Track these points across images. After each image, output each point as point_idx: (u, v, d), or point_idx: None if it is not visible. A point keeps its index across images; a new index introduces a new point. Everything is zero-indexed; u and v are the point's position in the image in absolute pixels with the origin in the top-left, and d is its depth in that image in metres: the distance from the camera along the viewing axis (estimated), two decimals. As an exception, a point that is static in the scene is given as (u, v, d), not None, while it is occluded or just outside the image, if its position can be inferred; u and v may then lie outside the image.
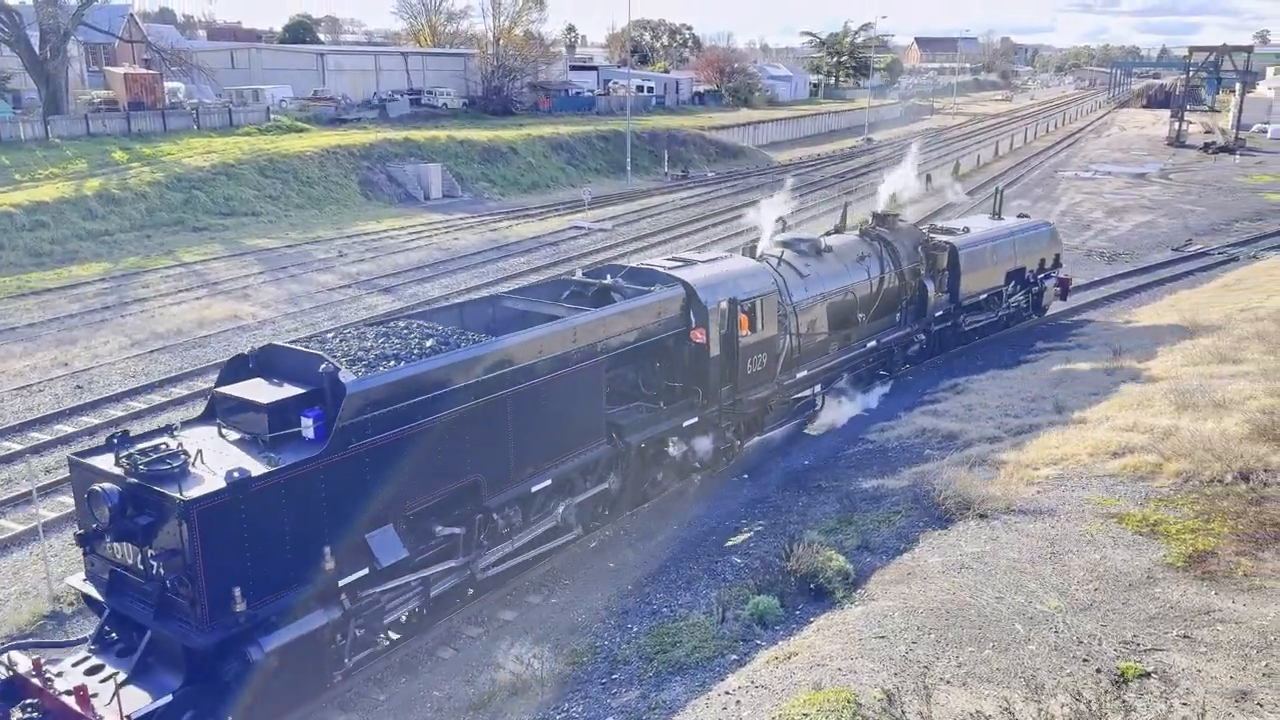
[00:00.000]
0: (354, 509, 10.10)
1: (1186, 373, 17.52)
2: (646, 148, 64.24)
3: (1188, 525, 10.63)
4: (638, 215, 45.32)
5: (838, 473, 15.87)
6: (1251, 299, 25.65)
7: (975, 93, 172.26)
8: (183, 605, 9.16)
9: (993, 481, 12.73)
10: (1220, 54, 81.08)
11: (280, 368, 10.75)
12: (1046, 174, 56.70)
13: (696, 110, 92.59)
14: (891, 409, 19.25)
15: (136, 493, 9.20)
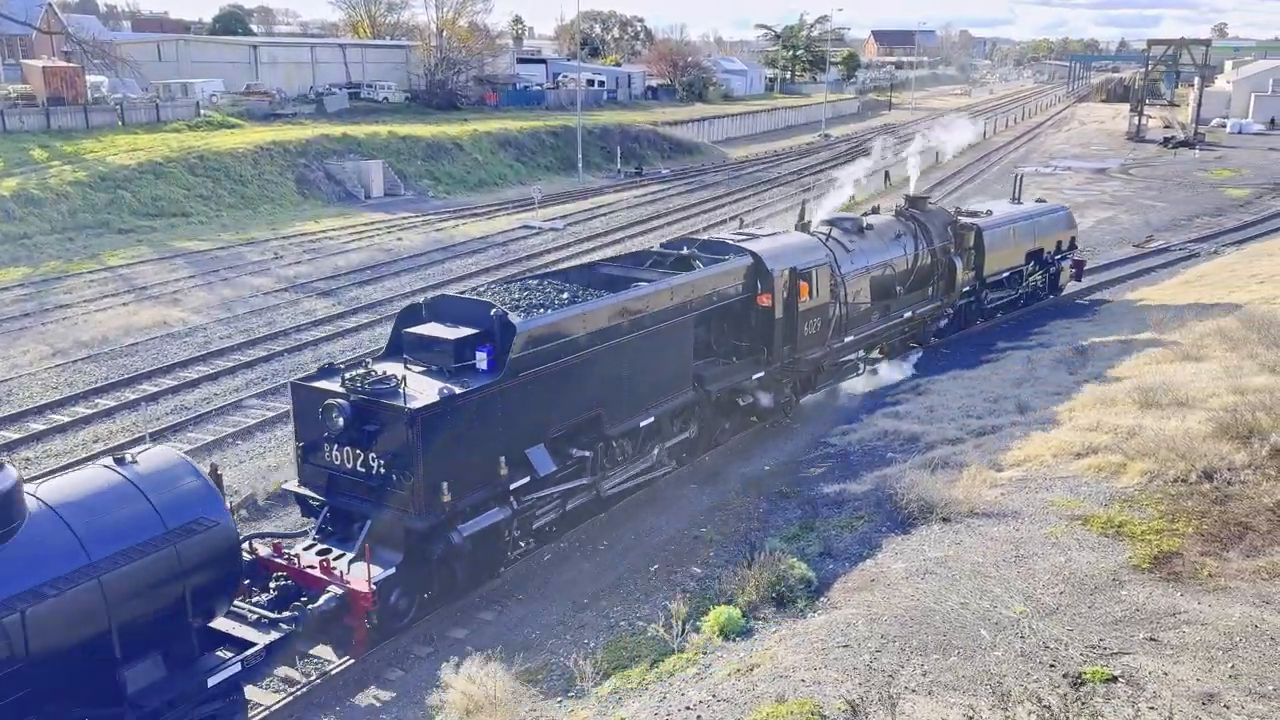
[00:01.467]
0: (518, 428, 12.92)
1: (1149, 371, 17.92)
2: (598, 144, 64.24)
3: (1152, 526, 10.86)
4: (590, 214, 45.29)
5: (799, 478, 15.98)
6: (1213, 294, 26.32)
7: (933, 87, 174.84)
8: (402, 496, 11.80)
9: (955, 484, 12.90)
10: (1179, 47, 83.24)
11: (451, 313, 13.52)
12: (1006, 170, 57.71)
13: (649, 105, 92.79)
14: (852, 412, 19.45)
15: (364, 406, 11.91)
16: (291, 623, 10.43)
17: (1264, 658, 8.28)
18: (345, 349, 24.04)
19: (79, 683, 8.51)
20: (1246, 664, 8.19)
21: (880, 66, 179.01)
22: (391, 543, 11.89)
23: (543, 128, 62.92)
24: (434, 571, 12.29)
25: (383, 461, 11.93)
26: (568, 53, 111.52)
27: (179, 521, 9.02)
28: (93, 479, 9.02)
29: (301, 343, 24.42)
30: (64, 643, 8.23)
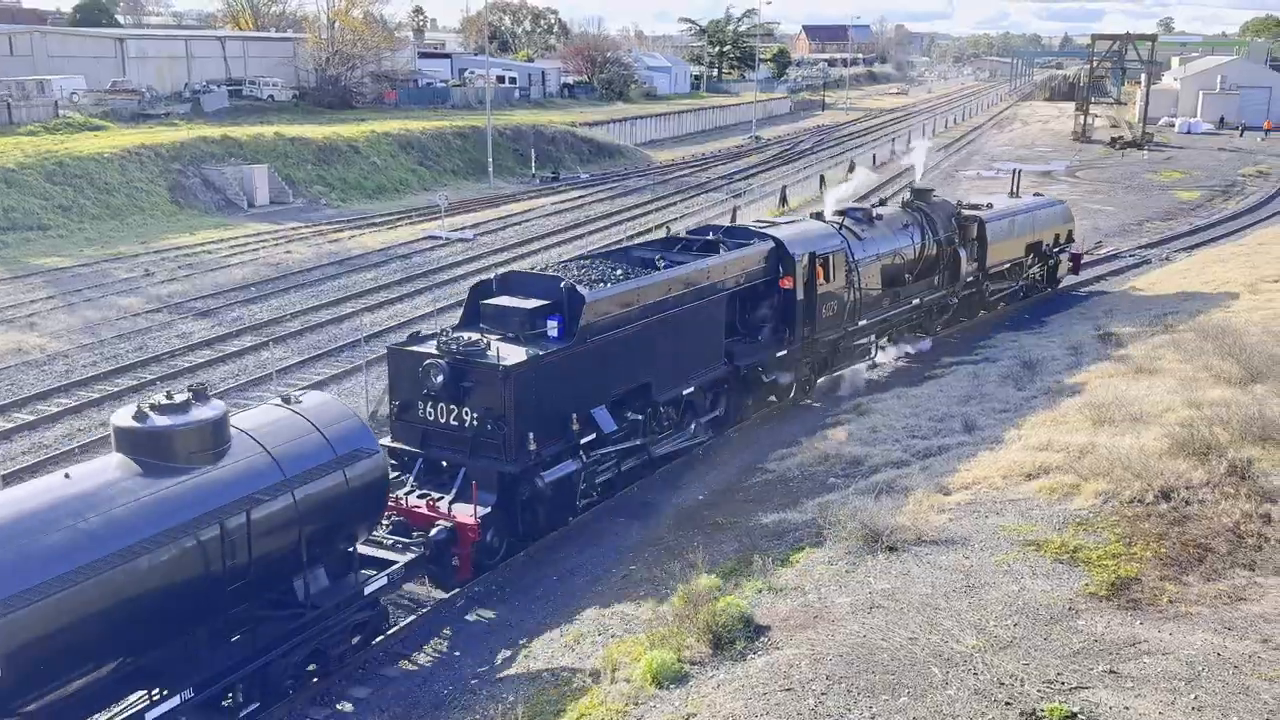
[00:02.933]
0: (585, 389, 15.69)
1: (1101, 385, 18.47)
2: (510, 146, 64.15)
3: (1109, 550, 11.15)
4: (503, 222, 45.13)
5: (735, 507, 16.05)
6: (1168, 303, 27.29)
7: (869, 86, 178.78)
8: (495, 445, 14.59)
9: (901, 510, 13.10)
10: (1124, 43, 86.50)
11: (521, 287, 16.36)
12: (947, 174, 59.21)
13: (566, 104, 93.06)
14: (791, 434, 19.65)
15: (460, 365, 14.67)
16: (420, 547, 13.21)
17: (1228, 688, 8.54)
18: (227, 376, 23.50)
19: (269, 586, 10.89)
20: (1210, 695, 8.44)
21: (813, 64, 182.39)
22: (486, 486, 14.42)
23: (448, 128, 62.61)
24: (519, 514, 15.07)
25: (476, 415, 14.67)
26: (475, 47, 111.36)
27: (344, 450, 11.59)
28: (272, 414, 11.55)
29: (177, 369, 23.78)
30: (272, 546, 10.71)
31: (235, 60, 73.27)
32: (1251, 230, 44.16)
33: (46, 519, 9.05)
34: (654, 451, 17.47)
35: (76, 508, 9.26)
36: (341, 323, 28.29)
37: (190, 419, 10.28)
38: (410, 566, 12.90)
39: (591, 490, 16.24)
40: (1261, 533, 10.99)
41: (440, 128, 62.18)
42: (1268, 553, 10.65)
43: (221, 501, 10.14)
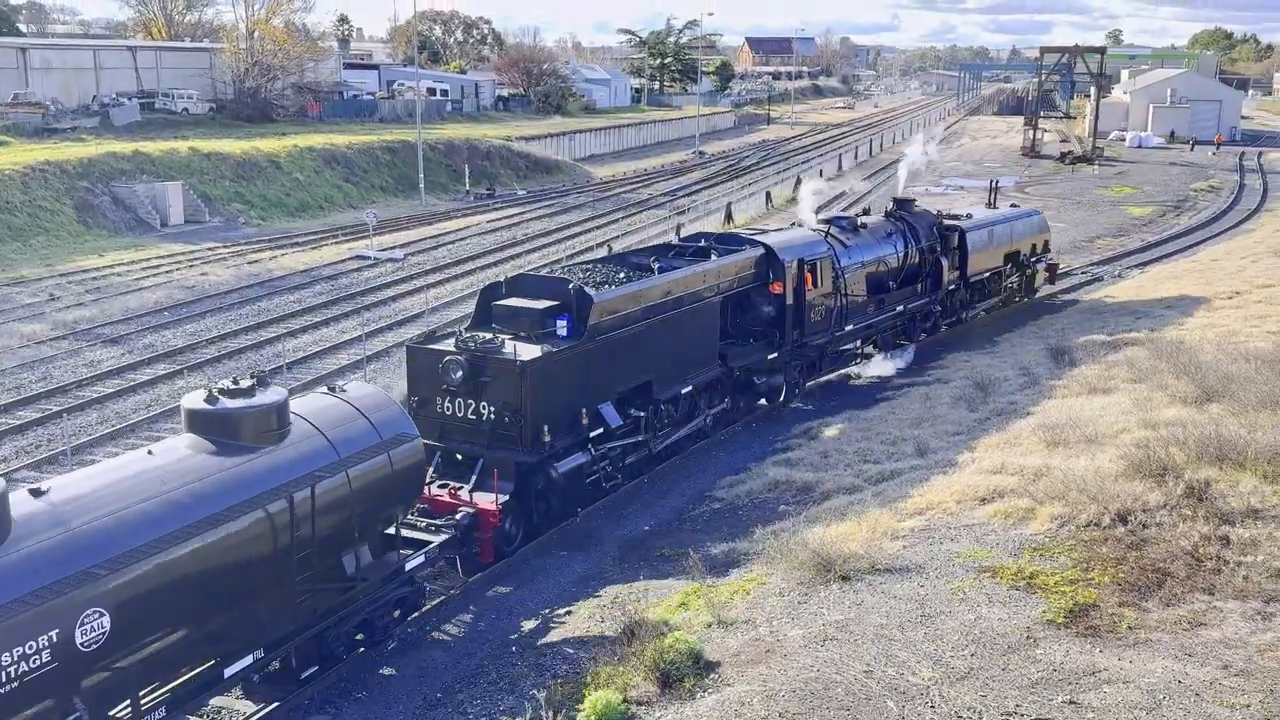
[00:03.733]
0: (593, 385, 17.17)
1: (1054, 405, 18.81)
2: (443, 161, 63.96)
3: (1066, 576, 11.32)
4: (435, 241, 44.93)
5: (683, 537, 16.06)
6: (1121, 321, 27.92)
7: (815, 99, 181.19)
8: (511, 437, 15.95)
9: (854, 537, 13.19)
10: (1073, 55, 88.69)
11: (530, 289, 17.90)
12: (893, 190, 60.01)
13: (501, 117, 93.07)
14: (740, 460, 19.72)
15: (477, 361, 16.03)
16: (451, 529, 14.62)
17: (1190, 715, 8.70)
18: (139, 406, 23.04)
19: (325, 559, 12.10)
20: (1170, 722, 8.58)
21: (757, 77, 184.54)
22: (503, 476, 15.79)
23: (376, 143, 62.28)
24: (534, 503, 16.49)
25: (493, 408, 16.02)
26: (404, 57, 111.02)
27: (389, 434, 12.89)
28: (323, 401, 12.85)
29: (84, 400, 23.26)
30: (331, 521, 11.97)
31: (147, 71, 72.24)
32: (1204, 246, 45.42)
33: (139, 488, 10.34)
34: (654, 448, 18.96)
35: (163, 479, 10.56)
36: (262, 348, 27.91)
37: (256, 402, 11.62)
38: (444, 546, 14.35)
39: (600, 482, 17.73)
40: (1220, 556, 11.23)
41: (368, 142, 61.84)
42: (1227, 576, 10.88)
43: (287, 478, 11.46)
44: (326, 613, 12.28)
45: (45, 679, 9.06)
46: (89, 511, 9.78)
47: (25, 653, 8.87)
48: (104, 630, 9.49)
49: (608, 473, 17.84)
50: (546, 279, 18.34)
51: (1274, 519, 11.69)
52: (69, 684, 9.33)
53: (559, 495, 16.67)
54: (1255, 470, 12.74)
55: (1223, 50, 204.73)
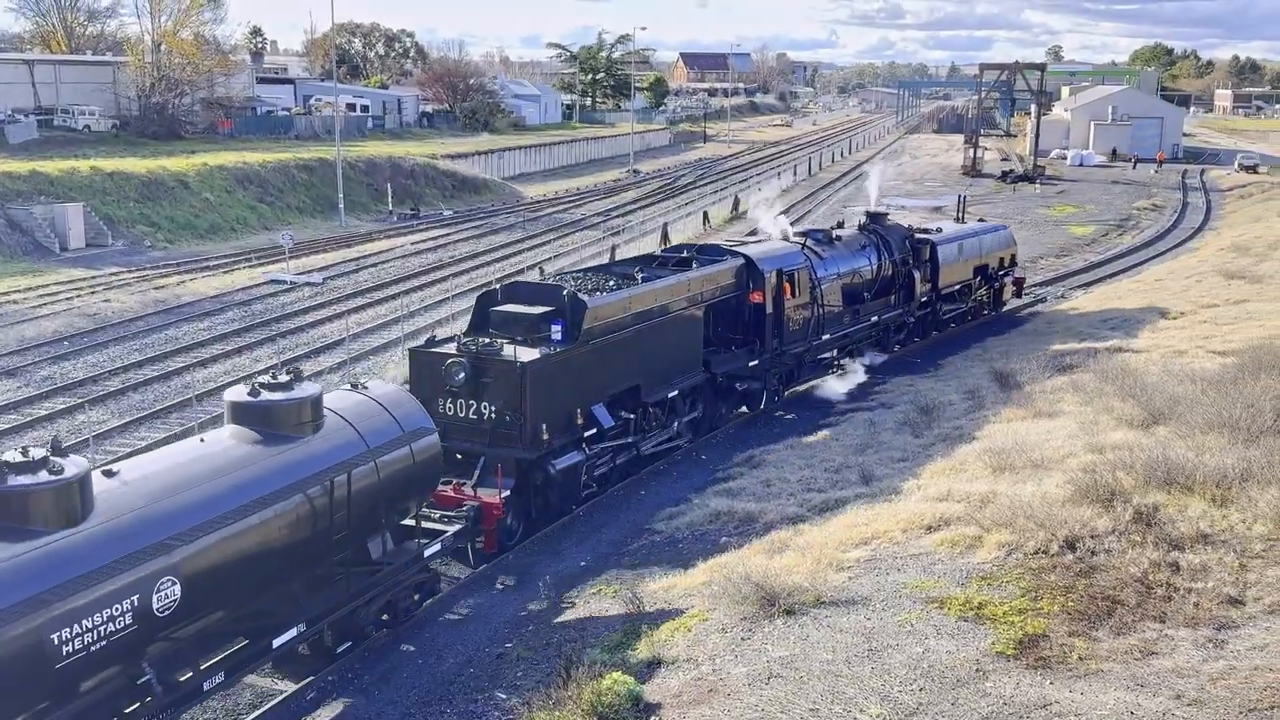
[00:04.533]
0: (587, 387, 18.67)
1: (1000, 430, 19.11)
2: (364, 180, 63.54)
3: (1015, 606, 11.47)
4: (356, 264, 44.54)
5: (621, 571, 16.02)
6: (1066, 341, 28.49)
7: (752, 117, 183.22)
8: (511, 435, 17.41)
9: (798, 569, 13.24)
10: (1013, 72, 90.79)
11: (525, 296, 19.40)
12: (834, 210, 60.83)
13: (425, 134, 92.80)
14: (680, 491, 19.74)
15: (479, 363, 17.50)
16: (462, 520, 16.10)
17: (1140, 746, 8.83)
18: (36, 443, 22.42)
19: (357, 543, 13.69)
20: (1123, 755, 8.70)
21: (692, 93, 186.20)
22: (504, 472, 17.21)
23: (292, 161, 61.67)
24: (533, 499, 18.00)
25: (494, 408, 17.47)
26: (321, 71, 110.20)
27: (410, 428, 14.26)
28: (350, 397, 14.17)
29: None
30: (363, 506, 13.30)
31: (45, 86, 70.85)
32: (1148, 266, 46.61)
33: (198, 471, 11.71)
34: (643, 449, 20.46)
35: (217, 464, 11.95)
36: (169, 379, 27.40)
37: (295, 395, 12.98)
38: (459, 535, 15.84)
39: (592, 483, 19.25)
40: (1170, 582, 11.45)
41: (283, 160, 61.20)
42: (1177, 603, 11.09)
43: (324, 466, 12.78)
44: (357, 593, 13.73)
45: (126, 640, 10.44)
46: (158, 491, 11.21)
47: (112, 614, 10.28)
48: (175, 598, 10.91)
49: (601, 472, 19.39)
50: (541, 286, 20.01)
51: (1224, 544, 11.96)
52: (142, 647, 10.75)
53: (557, 491, 18.18)
54: (1204, 494, 13.03)
55: (1164, 67, 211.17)
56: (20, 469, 10.20)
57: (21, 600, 9.59)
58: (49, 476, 10.22)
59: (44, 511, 10.11)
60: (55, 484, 10.20)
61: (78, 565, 10.09)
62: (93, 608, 10.07)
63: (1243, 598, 10.91)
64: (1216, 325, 28.01)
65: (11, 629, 9.47)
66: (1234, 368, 19.37)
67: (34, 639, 9.65)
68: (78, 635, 9.98)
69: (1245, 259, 42.31)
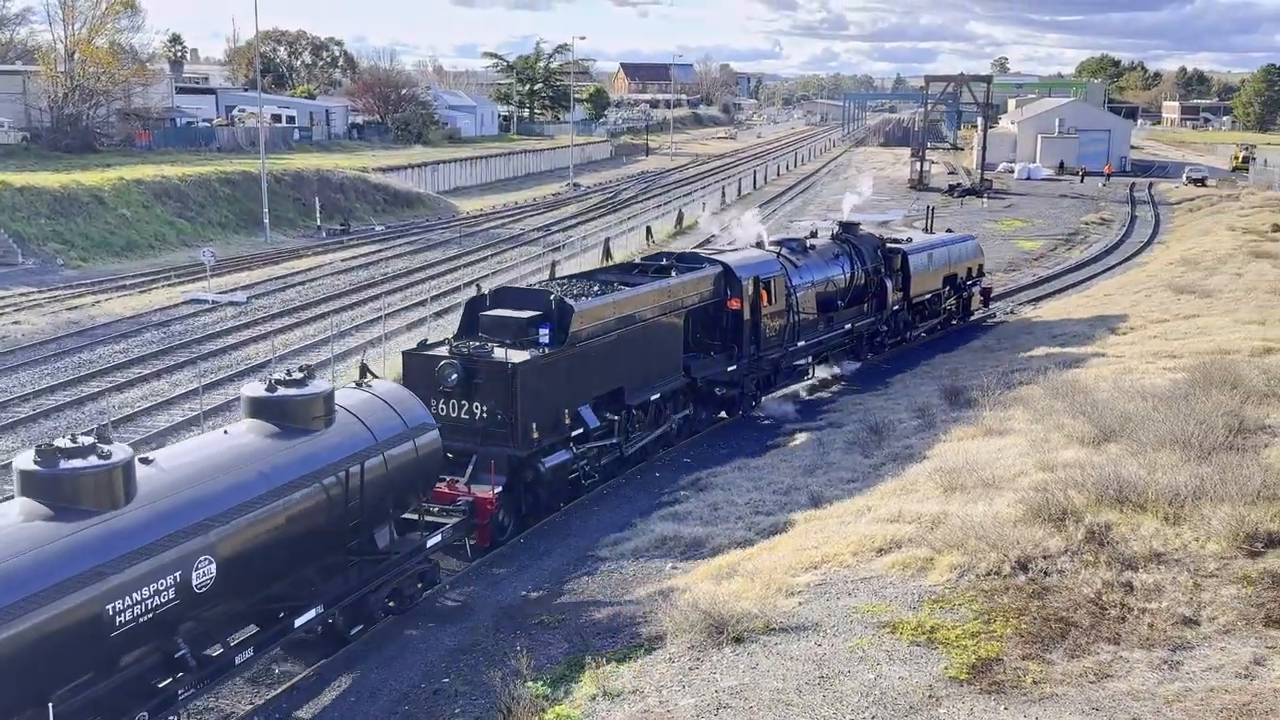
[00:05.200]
0: (573, 388, 19.93)
1: (950, 449, 19.34)
2: (290, 194, 62.99)
3: (968, 629, 11.59)
4: (283, 282, 44.08)
5: (564, 602, 15.95)
6: (1015, 358, 28.92)
7: (695, 129, 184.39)
8: (503, 434, 18.53)
9: (747, 595, 13.29)
10: (959, 84, 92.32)
11: (513, 300, 20.71)
12: (780, 225, 61.37)
13: (355, 146, 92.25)
14: (625, 516, 19.72)
15: (470, 365, 18.62)
16: (459, 514, 17.34)
17: (1096, 771, 8.95)
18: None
19: (367, 531, 14.82)
20: (1079, 781, 8.81)
21: (633, 105, 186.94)
22: (496, 470, 18.22)
23: (214, 174, 60.96)
24: (523, 497, 19.19)
25: (485, 408, 18.62)
26: (245, 81, 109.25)
27: (413, 423, 15.61)
28: (357, 394, 15.45)
29: (-122, 467, 21.98)
30: (374, 496, 14.52)
31: (-50, 98, 69.55)
32: (1097, 281, 47.53)
33: (225, 460, 12.95)
34: (626, 451, 21.76)
35: (243, 454, 13.19)
36: (83, 405, 26.87)
37: (309, 391, 14.22)
38: (457, 528, 17.07)
39: (580, 479, 20.53)
40: (1124, 603, 11.64)
41: (204, 174, 60.47)
42: (1131, 624, 11.28)
43: (338, 457, 14.07)
44: (367, 580, 14.95)
45: (168, 614, 11.58)
46: (192, 478, 12.44)
47: (158, 589, 11.44)
48: (212, 576, 12.08)
49: (586, 471, 20.59)
50: (528, 291, 21.64)
51: (1177, 563, 12.19)
52: (179, 623, 11.80)
53: (546, 488, 19.48)
54: (1156, 512, 13.28)
55: (1110, 78, 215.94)
56: (71, 454, 11.38)
57: (82, 572, 10.74)
58: (99, 461, 11.38)
59: (95, 493, 11.31)
60: (105, 468, 11.38)
61: (127, 542, 11.28)
62: (142, 582, 11.27)
63: (1197, 617, 11.11)
64: (1167, 340, 28.61)
65: (74, 598, 10.63)
66: (1185, 384, 19.77)
67: (94, 609, 10.81)
68: (129, 607, 11.16)
69: (1195, 273, 43.31)
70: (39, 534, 10.79)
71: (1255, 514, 12.44)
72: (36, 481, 11.23)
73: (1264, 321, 29.23)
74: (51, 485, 11.20)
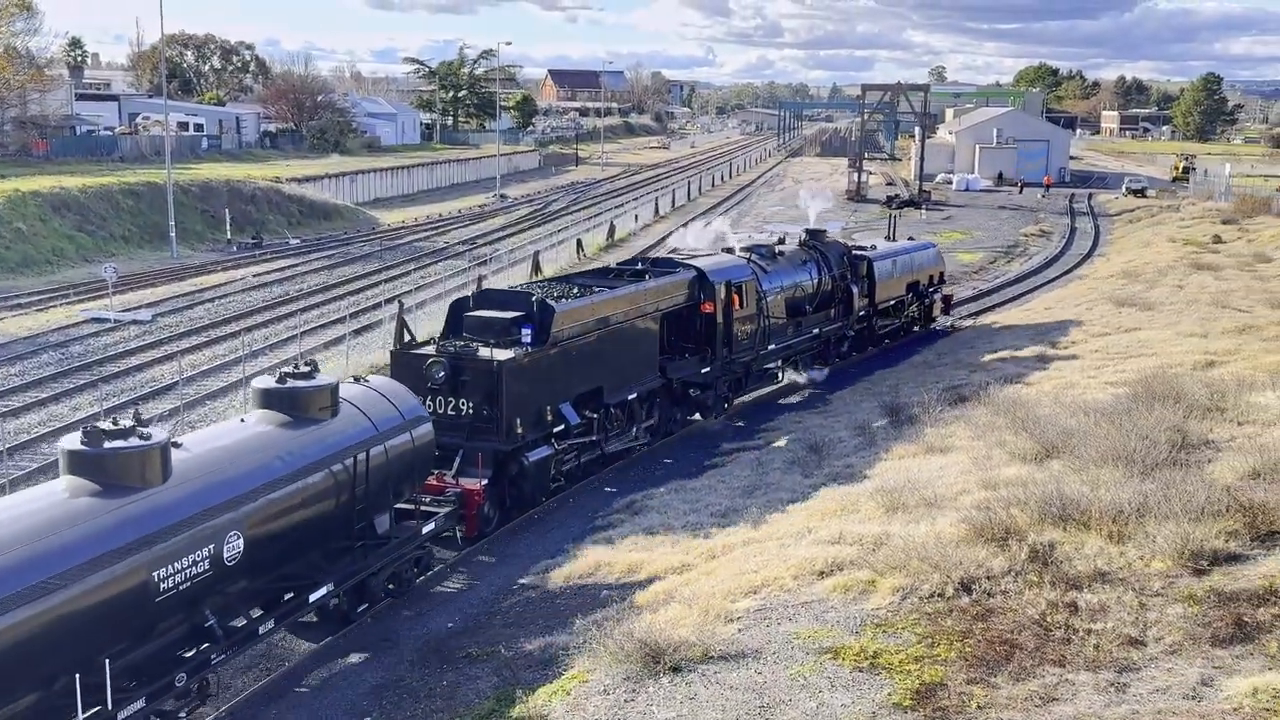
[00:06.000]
0: (555, 387, 21.45)
1: (892, 468, 19.56)
2: (199, 206, 62.20)
3: (911, 653, 11.70)
4: (190, 299, 43.44)
5: (493, 634, 15.85)
6: (956, 375, 29.35)
7: (627, 138, 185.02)
8: (488, 429, 20.05)
9: (684, 622, 13.30)
10: (896, 93, 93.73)
11: (496, 302, 22.34)
12: (716, 238, 61.65)
13: (268, 156, 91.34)
14: (557, 541, 19.67)
15: (457, 363, 20.21)
16: (450, 504, 18.93)
17: (1043, 797, 9.07)
18: None
19: (364, 519, 16.25)
20: (1026, 807, 8.93)
21: (562, 113, 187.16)
22: (483, 463, 19.83)
23: (117, 185, 59.96)
24: (508, 489, 20.68)
25: (472, 404, 20.16)
26: (150, 87, 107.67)
27: (410, 416, 17.26)
28: (356, 388, 17.00)
29: None
30: (376, 482, 16.11)
31: None
32: (1038, 294, 48.38)
33: (247, 445, 14.56)
34: (605, 448, 23.31)
35: (261, 440, 14.81)
36: (-22, 430, 26.21)
37: (317, 383, 15.79)
38: (448, 517, 18.71)
39: (559, 476, 22.05)
40: (1069, 624, 11.83)
41: (106, 185, 59.42)
42: (1076, 646, 11.46)
43: (345, 445, 15.66)
44: (370, 563, 16.47)
45: (202, 585, 13.01)
46: (219, 460, 13.93)
47: (195, 559, 12.90)
48: (240, 550, 13.55)
49: (567, 467, 22.22)
50: (511, 293, 23.44)
51: (1122, 582, 12.41)
52: (209, 594, 13.22)
53: (530, 482, 20.86)
54: (1100, 530, 13.52)
55: (1049, 88, 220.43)
56: (113, 435, 12.77)
57: (131, 542, 12.17)
58: (140, 441, 12.81)
59: (137, 471, 12.71)
60: (145, 448, 12.79)
61: (167, 516, 12.69)
62: (182, 552, 12.69)
63: (1143, 638, 11.31)
64: (1108, 354, 29.19)
65: (125, 565, 12.04)
66: (1127, 398, 20.17)
67: (142, 576, 12.26)
68: (170, 575, 12.58)
69: (1135, 285, 44.28)
70: (89, 507, 12.18)
71: (1200, 531, 12.70)
72: (83, 460, 12.59)
73: (1206, 334, 29.95)
74: (97, 464, 12.57)
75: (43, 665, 11.36)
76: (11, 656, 10.93)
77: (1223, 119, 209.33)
